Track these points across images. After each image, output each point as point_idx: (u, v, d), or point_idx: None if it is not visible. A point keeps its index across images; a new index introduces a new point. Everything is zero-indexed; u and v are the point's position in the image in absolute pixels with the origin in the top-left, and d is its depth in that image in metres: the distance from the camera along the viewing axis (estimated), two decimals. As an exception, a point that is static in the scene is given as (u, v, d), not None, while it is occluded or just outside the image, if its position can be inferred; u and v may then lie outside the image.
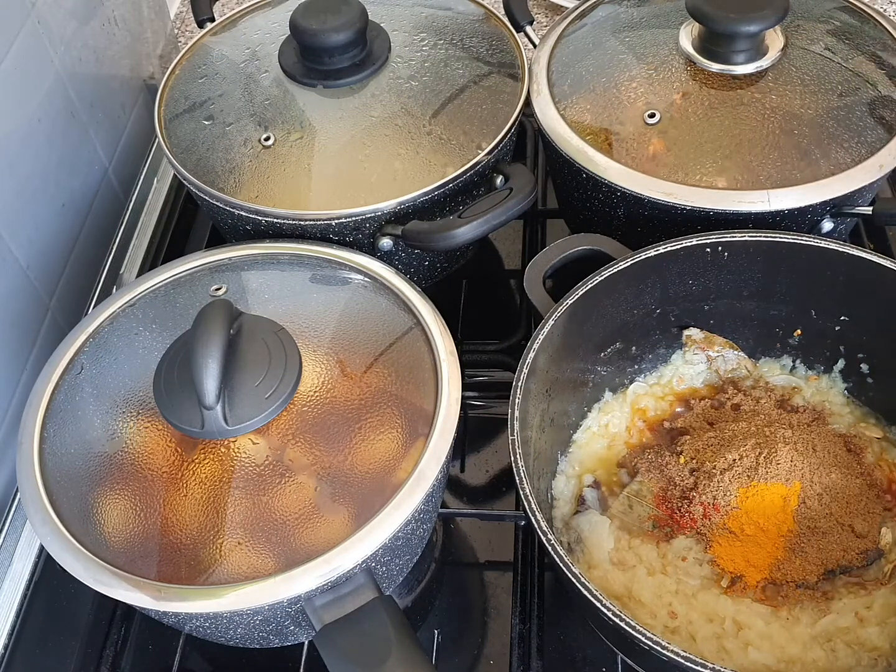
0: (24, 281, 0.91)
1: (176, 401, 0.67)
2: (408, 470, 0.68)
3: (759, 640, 0.71)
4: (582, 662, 0.78)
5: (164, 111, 0.95)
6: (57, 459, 0.71)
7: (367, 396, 0.72)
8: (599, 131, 0.88)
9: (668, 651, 0.58)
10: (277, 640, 0.74)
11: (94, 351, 0.78)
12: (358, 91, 0.92)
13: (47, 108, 0.96)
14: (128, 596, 0.65)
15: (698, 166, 0.83)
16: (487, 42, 0.97)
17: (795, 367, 0.89)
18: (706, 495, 0.77)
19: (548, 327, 0.76)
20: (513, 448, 0.69)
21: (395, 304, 0.79)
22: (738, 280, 0.83)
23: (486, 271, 1.09)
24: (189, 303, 0.80)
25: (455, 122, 0.90)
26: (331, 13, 0.90)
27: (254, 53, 0.97)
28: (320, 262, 0.83)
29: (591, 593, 0.61)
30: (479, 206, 0.82)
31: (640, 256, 0.79)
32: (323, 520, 0.67)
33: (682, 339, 0.88)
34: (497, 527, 0.86)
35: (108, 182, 1.10)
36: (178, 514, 0.67)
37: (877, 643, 0.71)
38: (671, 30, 0.91)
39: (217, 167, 0.89)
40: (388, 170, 0.87)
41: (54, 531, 0.67)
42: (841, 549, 0.75)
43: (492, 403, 0.95)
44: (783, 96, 0.85)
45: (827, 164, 0.82)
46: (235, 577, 0.65)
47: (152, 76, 1.23)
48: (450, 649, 0.80)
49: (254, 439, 0.68)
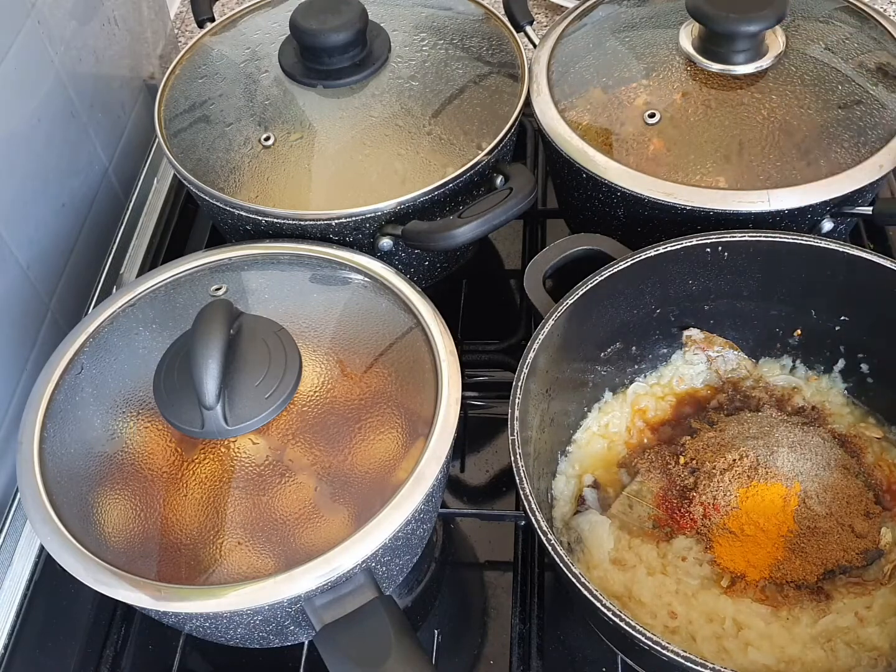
0: (24, 281, 0.91)
1: (176, 401, 0.67)
2: (408, 470, 0.68)
3: (759, 640, 0.71)
4: (582, 662, 0.78)
5: (164, 111, 0.95)
6: (57, 459, 0.71)
7: (367, 396, 0.72)
8: (599, 131, 0.88)
9: (668, 651, 0.58)
10: (277, 640, 0.74)
11: (94, 351, 0.78)
12: (358, 91, 0.91)
13: (47, 108, 0.96)
14: (128, 596, 0.65)
15: (698, 166, 0.83)
16: (487, 42, 0.97)
17: (795, 367, 0.89)
18: (706, 495, 0.77)
19: (548, 327, 0.76)
20: (513, 448, 0.69)
21: (395, 304, 0.79)
22: (738, 280, 0.83)
23: (486, 271, 1.09)
24: (189, 303, 0.80)
25: (455, 122, 0.90)
26: (331, 13, 0.90)
27: (254, 53, 0.97)
28: (320, 262, 0.83)
29: (591, 593, 0.61)
30: (479, 206, 0.82)
31: (640, 256, 0.79)
32: (323, 520, 0.67)
33: (682, 340, 0.88)
34: (497, 527, 0.86)
35: (108, 182, 1.10)
36: (178, 514, 0.67)
37: (877, 643, 0.71)
38: (671, 30, 0.91)
39: (217, 167, 0.89)
40: (388, 170, 0.87)
41: (54, 531, 0.67)
42: (841, 549, 0.75)
43: (492, 403, 0.95)
44: (783, 96, 0.85)
45: (827, 164, 0.82)
46: (235, 577, 0.65)
47: (152, 76, 1.23)
48: (450, 649, 0.80)
49: (254, 439, 0.68)
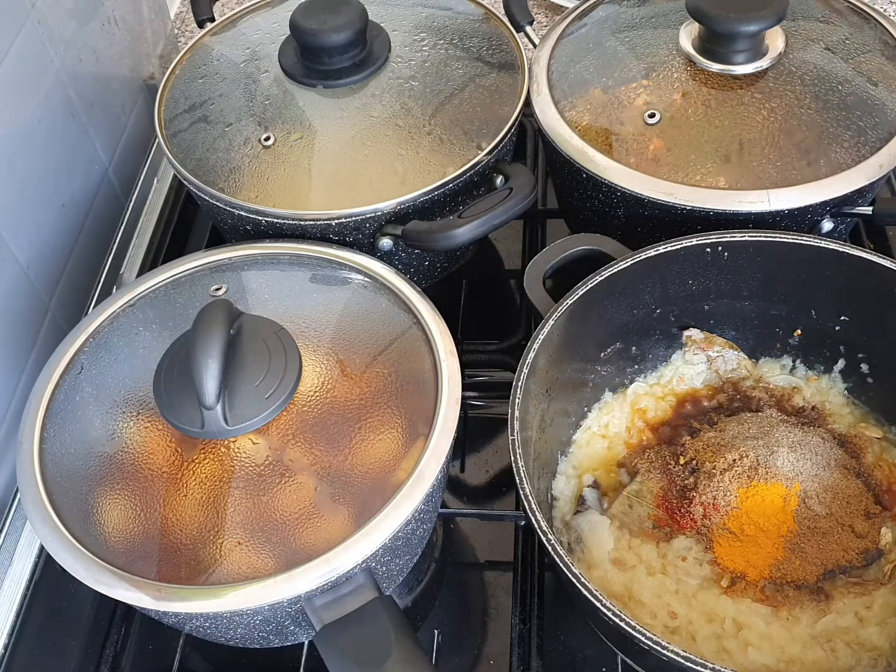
0: (24, 281, 0.91)
1: (176, 401, 0.67)
2: (408, 470, 0.68)
3: (760, 641, 0.71)
4: (582, 662, 0.78)
5: (164, 111, 0.95)
6: (57, 459, 0.71)
7: (367, 396, 0.72)
8: (599, 131, 0.88)
9: (668, 651, 0.58)
10: (277, 640, 0.74)
11: (94, 351, 0.78)
12: (358, 91, 0.91)
13: (47, 108, 0.96)
14: (128, 596, 0.65)
15: (698, 166, 0.83)
16: (487, 42, 0.97)
17: (795, 367, 0.88)
18: (706, 495, 0.77)
19: (548, 327, 0.76)
20: (513, 448, 0.69)
21: (395, 304, 0.79)
22: (738, 280, 0.83)
23: (486, 271, 1.09)
24: (189, 303, 0.80)
25: (455, 122, 0.90)
26: (331, 13, 0.90)
27: (254, 53, 0.97)
28: (320, 262, 0.83)
29: (591, 593, 0.61)
30: (479, 206, 0.82)
31: (640, 256, 0.79)
32: (323, 520, 0.67)
33: (682, 340, 0.88)
34: (497, 527, 0.86)
35: (108, 182, 1.10)
36: (178, 514, 0.67)
37: (877, 643, 0.71)
38: (671, 30, 0.91)
39: (217, 167, 0.89)
40: (388, 170, 0.87)
41: (54, 531, 0.67)
42: (841, 549, 0.75)
43: (492, 403, 0.95)
44: (783, 96, 0.85)
45: (827, 164, 0.82)
46: (235, 577, 0.65)
47: (152, 76, 1.23)
48: (450, 649, 0.80)
49: (254, 439, 0.68)
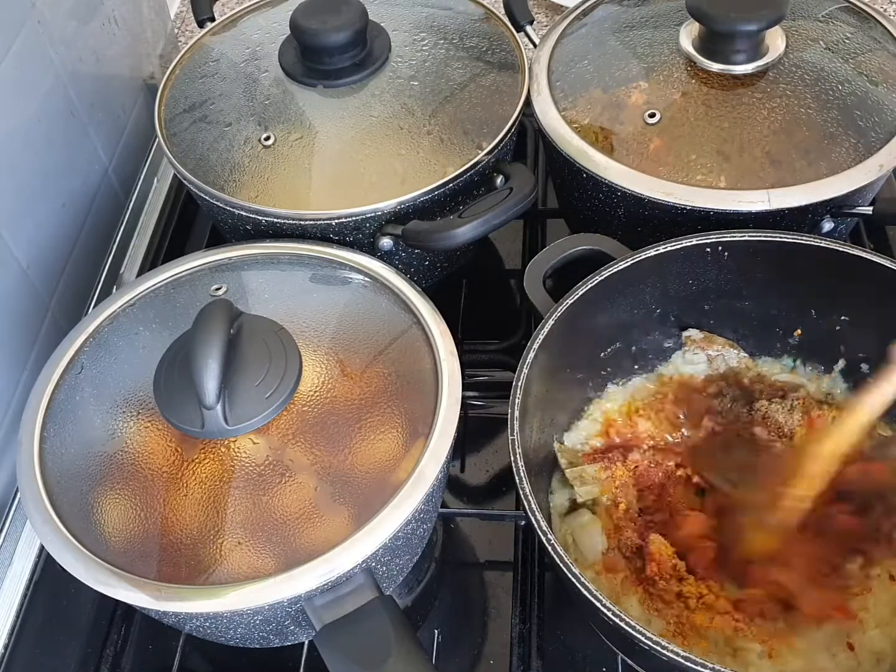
0: (24, 281, 0.91)
1: (176, 401, 0.67)
2: (408, 470, 0.68)
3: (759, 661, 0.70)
4: (582, 662, 0.78)
5: (164, 111, 0.95)
6: (57, 459, 0.71)
7: (367, 396, 0.72)
8: (599, 131, 0.88)
9: (668, 651, 0.58)
10: (277, 640, 0.74)
11: (94, 351, 0.78)
12: (358, 91, 0.91)
13: (47, 108, 0.96)
14: (128, 596, 0.65)
15: (698, 166, 0.83)
16: (487, 42, 0.97)
17: (795, 367, 0.89)
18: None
19: (548, 327, 0.76)
20: (513, 448, 0.69)
21: (395, 304, 0.79)
22: (738, 280, 0.83)
23: (486, 271, 1.08)
24: (189, 303, 0.80)
25: (455, 121, 0.90)
26: (331, 13, 0.90)
27: (254, 53, 0.97)
28: (320, 262, 0.83)
29: (592, 593, 0.61)
30: (479, 206, 0.81)
31: (640, 256, 0.79)
32: (323, 520, 0.66)
33: (682, 339, 0.88)
34: (497, 527, 0.86)
35: (108, 182, 1.10)
36: (178, 514, 0.67)
37: (878, 645, 0.71)
38: (671, 30, 0.91)
39: (217, 167, 0.89)
40: (388, 170, 0.87)
41: (54, 531, 0.67)
42: (836, 552, 0.75)
43: (492, 403, 0.95)
44: (783, 96, 0.85)
45: (827, 164, 0.82)
46: (235, 577, 0.65)
47: (152, 76, 1.23)
48: (450, 649, 0.80)
49: (254, 439, 0.68)
